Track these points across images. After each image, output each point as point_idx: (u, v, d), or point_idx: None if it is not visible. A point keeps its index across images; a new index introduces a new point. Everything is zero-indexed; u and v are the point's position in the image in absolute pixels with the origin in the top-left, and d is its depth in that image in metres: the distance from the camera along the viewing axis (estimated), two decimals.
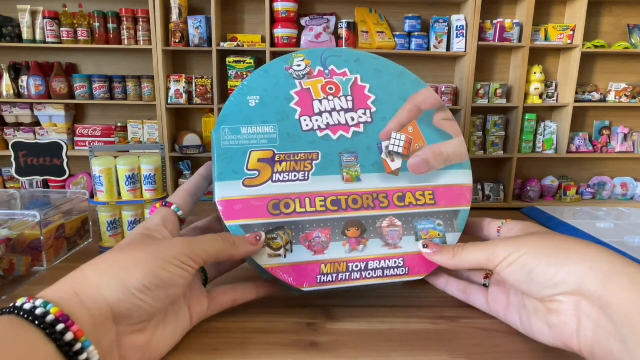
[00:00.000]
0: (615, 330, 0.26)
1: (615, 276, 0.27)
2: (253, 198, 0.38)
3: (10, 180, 2.34)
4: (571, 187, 2.45)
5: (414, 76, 0.45)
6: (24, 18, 2.15)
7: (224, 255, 0.34)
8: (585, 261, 0.28)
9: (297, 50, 0.45)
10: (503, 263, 0.32)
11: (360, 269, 0.38)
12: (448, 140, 0.43)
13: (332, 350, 0.34)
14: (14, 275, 0.46)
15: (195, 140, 2.29)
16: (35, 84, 2.18)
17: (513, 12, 2.38)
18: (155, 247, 0.31)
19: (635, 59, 2.44)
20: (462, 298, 0.40)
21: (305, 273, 0.37)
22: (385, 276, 0.39)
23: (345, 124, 0.42)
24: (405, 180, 0.41)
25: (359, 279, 0.38)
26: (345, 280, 0.38)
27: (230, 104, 0.40)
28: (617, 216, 1.00)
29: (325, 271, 0.38)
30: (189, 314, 0.34)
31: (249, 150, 0.39)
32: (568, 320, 0.29)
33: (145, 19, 2.16)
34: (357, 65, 0.44)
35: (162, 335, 0.32)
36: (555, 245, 0.30)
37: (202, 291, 0.36)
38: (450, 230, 0.41)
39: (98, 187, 0.53)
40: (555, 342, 0.31)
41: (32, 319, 0.24)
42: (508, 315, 0.36)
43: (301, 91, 0.42)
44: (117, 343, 0.28)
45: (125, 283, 0.28)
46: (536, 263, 0.30)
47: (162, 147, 0.58)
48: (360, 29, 2.28)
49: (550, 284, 0.29)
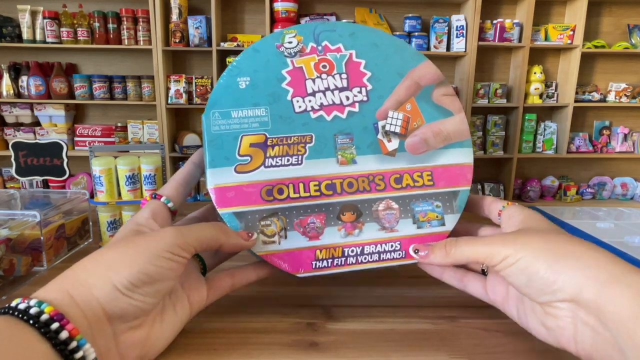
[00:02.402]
0: (612, 338, 0.26)
1: (614, 284, 0.26)
2: (245, 184, 0.37)
3: (10, 180, 2.34)
4: (571, 187, 2.45)
5: (413, 49, 0.43)
6: (24, 18, 2.15)
7: (216, 242, 0.34)
8: (584, 268, 0.28)
9: None
10: (502, 263, 0.31)
11: (356, 253, 0.38)
12: (448, 117, 0.41)
13: (332, 350, 0.34)
14: (14, 275, 0.46)
15: (195, 140, 2.29)
16: (35, 84, 2.18)
17: (513, 12, 2.38)
18: (144, 242, 0.30)
19: (635, 59, 2.44)
20: (459, 286, 0.38)
21: (300, 259, 0.37)
22: (381, 260, 0.38)
23: (339, 104, 0.40)
24: (402, 161, 0.40)
25: (355, 264, 0.38)
26: (341, 265, 0.38)
27: (220, 86, 0.39)
28: (617, 216, 1.00)
29: (321, 257, 0.37)
30: (188, 304, 0.34)
31: (240, 135, 0.38)
32: (565, 325, 0.29)
33: (145, 19, 2.16)
34: (352, 40, 0.41)
35: (161, 329, 0.31)
36: (556, 249, 0.30)
37: (200, 280, 0.36)
38: (449, 211, 0.40)
39: (98, 187, 0.53)
40: (552, 343, 0.31)
41: (27, 319, 0.24)
42: (506, 307, 0.35)
43: (293, 70, 0.40)
44: (114, 341, 0.28)
45: (113, 282, 0.28)
46: (536, 268, 0.29)
47: (162, 147, 0.58)
48: None
49: (549, 291, 0.29)
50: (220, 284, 0.37)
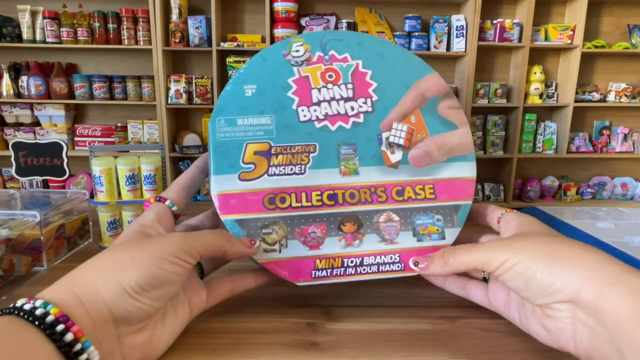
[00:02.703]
0: (611, 338, 0.26)
1: (612, 285, 0.26)
2: (248, 192, 0.38)
3: (10, 180, 2.34)
4: (571, 187, 2.45)
5: (420, 60, 0.42)
6: (24, 18, 2.15)
7: (220, 250, 0.34)
8: (582, 270, 0.28)
9: None
10: (500, 269, 0.31)
11: (355, 264, 0.38)
12: (453, 130, 0.41)
13: (332, 350, 0.34)
14: (14, 275, 0.46)
15: (195, 140, 2.29)
16: (35, 84, 2.18)
17: (513, 12, 2.38)
18: (151, 245, 0.31)
19: (635, 59, 2.44)
20: (462, 294, 0.39)
21: (300, 268, 0.37)
22: (380, 272, 0.38)
23: (344, 114, 0.40)
24: (405, 173, 0.40)
25: (354, 275, 0.38)
26: (339, 276, 0.38)
27: (227, 93, 0.39)
28: (617, 216, 1.00)
29: (320, 266, 0.38)
30: (188, 307, 0.34)
31: (244, 143, 0.38)
32: (564, 326, 0.29)
33: (145, 19, 2.16)
34: (359, 50, 0.41)
35: (162, 332, 0.31)
36: (553, 252, 0.30)
37: (200, 284, 0.36)
38: (450, 225, 0.40)
39: (98, 187, 0.53)
40: (552, 344, 0.31)
41: (32, 320, 0.24)
42: (508, 313, 0.35)
43: (299, 79, 0.40)
44: (118, 343, 0.28)
45: (121, 284, 0.28)
46: (533, 271, 0.29)
47: (162, 147, 0.58)
48: (360, 29, 2.28)
49: (547, 293, 0.29)
50: (221, 288, 0.37)
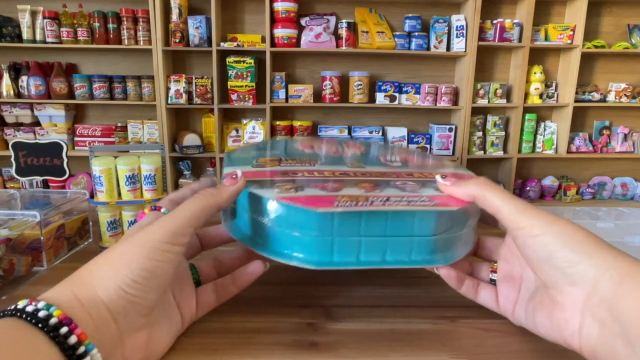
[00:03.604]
0: (622, 331, 0.26)
1: (632, 278, 0.27)
2: (262, 171, 0.40)
3: (10, 180, 2.34)
4: (571, 187, 2.45)
5: None
6: (24, 18, 2.15)
7: (209, 210, 0.33)
8: (608, 258, 0.28)
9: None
10: (524, 230, 0.31)
11: (381, 200, 0.34)
12: None
13: (332, 350, 0.34)
14: (14, 275, 0.46)
15: (195, 140, 2.30)
16: (35, 84, 2.18)
17: (513, 12, 2.38)
18: (137, 239, 0.30)
19: (635, 59, 2.44)
20: (472, 297, 0.38)
21: (320, 201, 0.33)
22: (410, 204, 0.34)
23: None
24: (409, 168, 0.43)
25: (382, 206, 0.33)
26: (366, 206, 0.33)
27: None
28: (617, 216, 1.00)
29: (343, 200, 0.34)
30: (179, 314, 0.34)
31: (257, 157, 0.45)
32: (571, 318, 0.29)
33: (145, 19, 2.16)
34: None
35: (159, 335, 0.32)
36: (583, 236, 0.30)
37: (191, 292, 0.36)
38: None
39: (98, 187, 0.53)
40: (556, 338, 0.31)
41: (35, 322, 0.24)
42: (515, 313, 0.35)
43: None
44: (119, 344, 0.28)
45: (115, 281, 0.28)
46: (561, 246, 0.29)
47: (162, 147, 0.58)
48: (360, 29, 2.28)
49: (567, 272, 0.29)
50: (206, 298, 0.36)
